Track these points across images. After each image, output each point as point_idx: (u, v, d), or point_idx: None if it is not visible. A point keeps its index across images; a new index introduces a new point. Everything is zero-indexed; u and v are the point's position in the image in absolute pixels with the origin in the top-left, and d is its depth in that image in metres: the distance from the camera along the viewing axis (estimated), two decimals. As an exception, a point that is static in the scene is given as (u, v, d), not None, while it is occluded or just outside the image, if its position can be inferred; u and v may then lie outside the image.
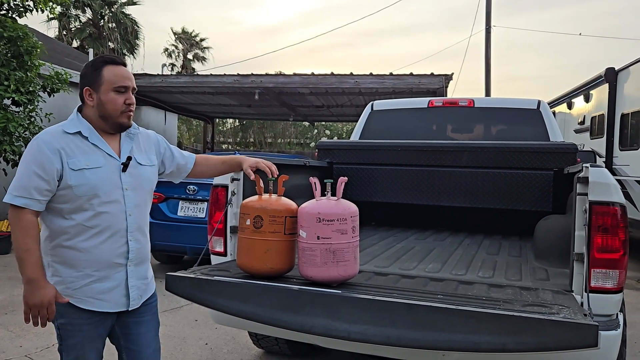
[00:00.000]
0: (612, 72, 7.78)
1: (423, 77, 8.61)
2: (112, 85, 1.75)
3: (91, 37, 22.95)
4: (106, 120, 1.78)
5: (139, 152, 1.89)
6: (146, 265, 1.92)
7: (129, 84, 1.79)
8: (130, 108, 1.79)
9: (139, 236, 1.84)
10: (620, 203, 2.00)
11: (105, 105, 1.76)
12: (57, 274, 1.75)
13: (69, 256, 1.73)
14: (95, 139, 1.77)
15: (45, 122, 7.61)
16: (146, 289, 1.91)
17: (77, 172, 1.69)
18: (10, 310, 4.46)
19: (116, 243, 1.76)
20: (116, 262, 1.78)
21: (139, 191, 1.84)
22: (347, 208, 2.03)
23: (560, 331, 1.62)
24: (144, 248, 1.88)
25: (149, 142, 1.97)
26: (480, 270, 2.51)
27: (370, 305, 1.81)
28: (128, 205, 1.78)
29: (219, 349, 3.73)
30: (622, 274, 2.00)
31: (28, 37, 6.74)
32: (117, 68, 1.78)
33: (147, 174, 1.88)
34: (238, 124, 22.31)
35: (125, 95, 1.78)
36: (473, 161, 3.60)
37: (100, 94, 1.76)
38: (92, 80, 1.77)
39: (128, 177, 1.80)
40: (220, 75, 9.62)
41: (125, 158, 1.81)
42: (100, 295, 1.76)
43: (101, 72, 1.76)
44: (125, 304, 1.82)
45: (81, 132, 1.76)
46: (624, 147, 7.43)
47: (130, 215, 1.79)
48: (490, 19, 14.12)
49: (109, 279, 1.77)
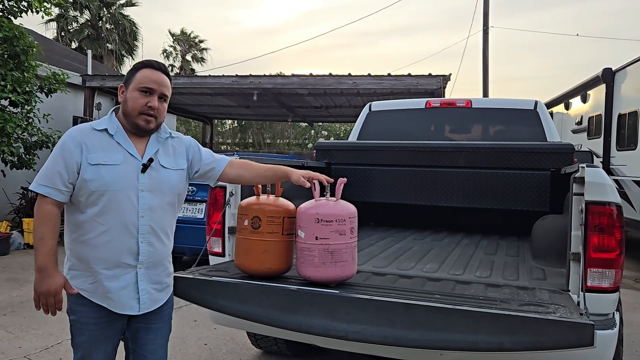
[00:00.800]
0: (609, 72, 7.80)
1: (421, 78, 8.62)
2: (139, 84, 1.78)
3: (89, 38, 22.93)
4: (126, 118, 1.80)
5: (166, 156, 1.87)
6: (161, 270, 1.86)
7: (155, 87, 1.79)
8: (149, 112, 1.78)
9: (153, 239, 1.80)
10: (616, 203, 2.01)
11: (127, 102, 1.79)
12: (74, 267, 1.78)
13: (83, 251, 1.75)
14: (120, 138, 1.79)
15: (43, 123, 7.62)
16: (161, 294, 1.87)
17: (93, 167, 1.72)
18: (9, 312, 4.46)
19: (125, 243, 1.75)
20: (125, 262, 1.76)
21: (157, 194, 1.80)
22: (346, 209, 2.04)
23: (557, 330, 1.63)
24: (158, 252, 1.83)
25: (181, 146, 1.96)
26: (477, 270, 2.52)
27: (369, 305, 1.82)
28: (142, 206, 1.76)
29: (217, 349, 3.74)
30: (618, 274, 2.01)
31: (24, 37, 6.75)
32: (151, 71, 1.80)
33: (169, 177, 1.85)
34: (237, 125, 22.32)
35: (149, 98, 1.78)
36: (471, 162, 3.62)
37: (127, 92, 1.80)
38: (127, 79, 1.83)
39: (146, 179, 1.79)
40: (218, 76, 9.62)
41: (147, 160, 1.80)
42: (110, 295, 1.76)
43: (136, 72, 1.81)
44: (135, 307, 1.79)
45: (108, 129, 1.79)
46: (621, 148, 7.45)
47: (143, 217, 1.77)
48: (487, 20, 14.15)
49: (118, 279, 1.76)
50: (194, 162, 1.99)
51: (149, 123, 1.80)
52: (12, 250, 7.31)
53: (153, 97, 1.79)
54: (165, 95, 1.83)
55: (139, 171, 1.78)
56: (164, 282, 1.89)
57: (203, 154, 2.03)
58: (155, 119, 1.81)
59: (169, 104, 1.91)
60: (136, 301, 1.80)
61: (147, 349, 1.88)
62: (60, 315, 1.84)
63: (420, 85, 8.56)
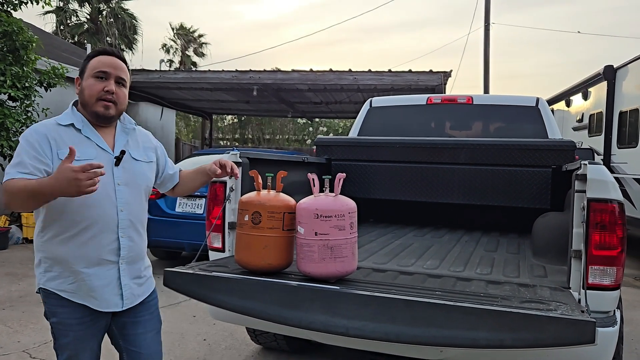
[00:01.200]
0: (610, 69, 7.78)
1: (422, 74, 8.60)
2: (92, 70, 1.71)
3: (89, 33, 22.86)
4: (85, 109, 1.73)
5: (135, 148, 1.84)
6: (140, 264, 1.85)
7: (110, 71, 1.72)
8: (107, 96, 1.70)
9: (132, 233, 1.77)
10: (618, 200, 2.00)
11: (84, 91, 1.72)
12: (50, 269, 1.71)
13: (60, 251, 1.69)
14: (88, 132, 1.73)
15: (42, 117, 7.60)
16: (142, 288, 1.85)
17: None
18: (8, 306, 4.46)
19: (106, 239, 1.71)
20: (106, 259, 1.72)
21: (133, 187, 1.78)
22: (345, 204, 2.03)
23: (558, 328, 1.62)
24: (138, 246, 1.81)
25: (148, 140, 1.95)
26: (478, 267, 2.51)
27: (369, 302, 1.82)
28: (120, 200, 1.73)
29: (217, 344, 3.73)
30: (619, 271, 2.00)
31: (23, 31, 6.71)
32: (104, 57, 1.74)
33: (142, 170, 1.83)
34: (236, 121, 22.29)
35: (105, 83, 1.71)
36: (471, 158, 3.61)
37: (83, 81, 1.74)
38: (81, 69, 1.76)
39: (121, 172, 1.75)
40: (218, 71, 9.59)
41: (119, 152, 1.75)
42: (93, 293, 1.71)
43: (90, 60, 1.75)
44: (119, 303, 1.77)
45: (74, 124, 1.72)
46: (622, 145, 7.44)
47: (122, 211, 1.73)
48: (489, 16, 14.12)
49: (100, 277, 1.72)
50: (159, 164, 1.99)
51: (108, 109, 1.72)
52: (11, 245, 7.31)
53: (109, 81, 1.72)
54: (123, 79, 1.76)
55: (112, 165, 1.73)
56: (144, 276, 1.87)
57: (168, 161, 2.03)
58: (114, 105, 1.73)
59: (167, 99, 1.88)
60: (119, 297, 1.76)
61: (139, 344, 1.84)
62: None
63: (421, 81, 8.55)
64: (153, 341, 1.88)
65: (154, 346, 1.88)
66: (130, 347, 1.84)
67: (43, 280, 1.72)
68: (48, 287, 1.72)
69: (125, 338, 1.84)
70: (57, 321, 1.73)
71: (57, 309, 1.72)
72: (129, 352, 1.85)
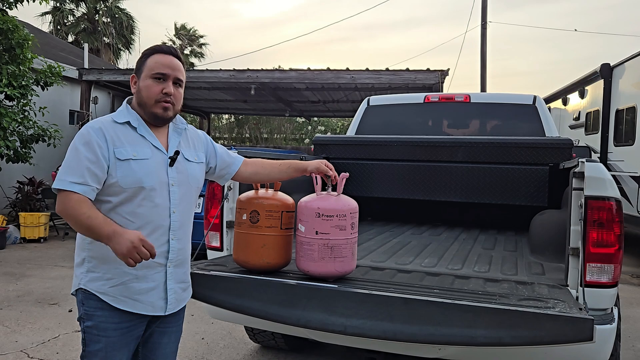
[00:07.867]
0: (607, 68, 7.80)
1: (419, 73, 8.61)
2: (150, 71, 1.67)
3: (86, 32, 22.80)
4: (143, 109, 1.70)
5: (187, 148, 1.80)
6: (186, 268, 1.80)
7: (168, 72, 1.68)
8: (166, 99, 1.67)
9: (182, 235, 1.73)
10: (616, 198, 2.01)
11: (141, 91, 1.68)
12: (94, 269, 1.65)
13: (108, 252, 1.57)
14: (143, 130, 1.69)
15: (39, 116, 7.58)
16: (185, 293, 1.81)
17: (124, 163, 1.61)
18: (5, 306, 4.45)
19: (157, 241, 1.64)
20: (155, 261, 1.65)
21: (185, 188, 1.73)
22: (347, 204, 2.02)
23: (556, 325, 1.63)
24: (185, 249, 1.77)
25: (198, 139, 1.90)
26: (476, 265, 2.52)
27: (367, 300, 1.82)
28: (173, 201, 1.68)
29: (215, 343, 3.73)
30: (617, 269, 2.01)
31: (19, 30, 6.69)
32: (162, 56, 1.69)
33: (193, 171, 1.79)
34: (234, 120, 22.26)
35: (163, 84, 1.67)
36: (469, 156, 3.61)
37: (140, 81, 1.70)
38: (137, 68, 1.72)
39: (175, 172, 1.71)
40: (216, 70, 9.58)
41: (173, 152, 1.72)
42: (137, 296, 1.65)
43: (147, 59, 1.70)
44: (163, 307, 1.70)
45: (130, 122, 1.68)
46: (619, 143, 7.46)
47: (175, 213, 1.69)
48: (486, 15, 14.12)
49: (147, 279, 1.66)
50: (210, 158, 1.94)
51: (167, 110, 1.69)
52: (8, 245, 7.29)
53: (167, 82, 1.68)
54: (180, 80, 1.72)
55: (166, 165, 1.69)
56: (187, 281, 1.82)
57: (218, 150, 1.97)
58: (173, 106, 1.71)
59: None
60: (164, 301, 1.71)
61: (159, 353, 1.79)
62: (56, 309, 1.81)
63: (418, 80, 8.56)
64: (172, 353, 1.85)
65: (171, 357, 1.85)
66: (149, 355, 1.79)
67: (84, 280, 1.66)
68: (89, 288, 1.65)
69: (147, 345, 1.78)
70: (92, 325, 1.65)
71: (95, 312, 1.64)
72: (146, 358, 1.80)
